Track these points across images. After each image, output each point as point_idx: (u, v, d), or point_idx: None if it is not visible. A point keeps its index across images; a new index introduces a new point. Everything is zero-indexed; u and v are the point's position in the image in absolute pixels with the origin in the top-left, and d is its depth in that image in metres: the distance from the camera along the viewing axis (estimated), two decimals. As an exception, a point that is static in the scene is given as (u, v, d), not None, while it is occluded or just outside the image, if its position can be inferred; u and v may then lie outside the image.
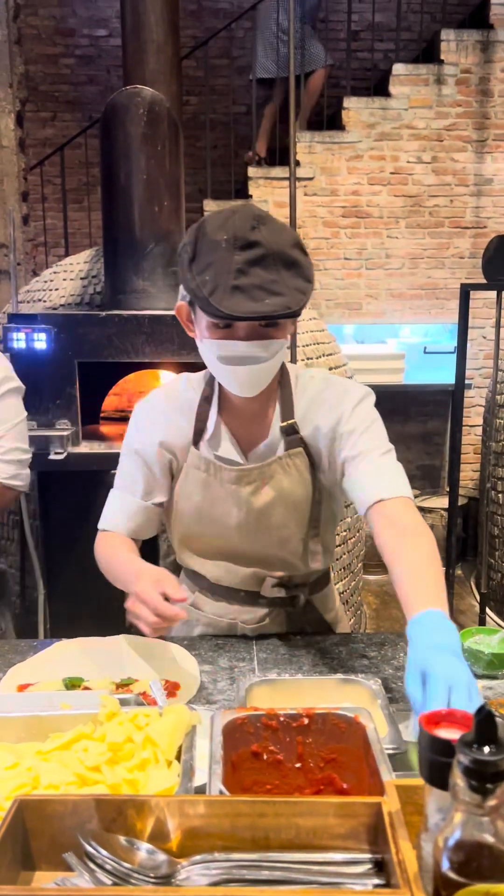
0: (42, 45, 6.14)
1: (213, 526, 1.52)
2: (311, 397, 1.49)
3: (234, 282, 1.26)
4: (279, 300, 1.27)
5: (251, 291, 1.26)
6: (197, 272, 1.30)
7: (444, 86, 5.19)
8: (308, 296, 1.32)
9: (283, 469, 1.47)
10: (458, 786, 0.62)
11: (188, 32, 5.80)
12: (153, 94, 2.95)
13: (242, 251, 1.27)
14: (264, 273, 1.27)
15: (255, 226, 1.29)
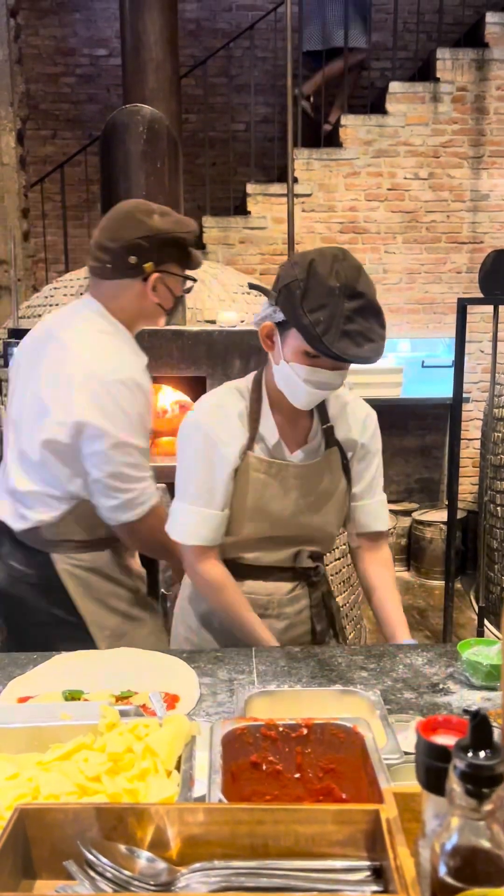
0: (43, 65, 6.21)
1: (265, 520, 1.68)
2: (341, 405, 1.76)
3: (345, 327, 1.49)
4: (374, 346, 1.51)
5: (356, 337, 1.49)
6: (308, 310, 1.49)
7: (441, 103, 5.24)
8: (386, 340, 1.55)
9: (328, 465, 1.72)
10: (455, 791, 0.63)
11: (187, 51, 5.87)
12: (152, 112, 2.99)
13: (351, 300, 1.49)
14: (364, 322, 1.51)
15: (359, 277, 1.51)
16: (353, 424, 1.75)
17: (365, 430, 1.77)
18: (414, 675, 1.50)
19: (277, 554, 1.72)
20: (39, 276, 5.89)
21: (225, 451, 1.65)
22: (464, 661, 1.46)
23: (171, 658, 1.56)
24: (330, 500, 1.72)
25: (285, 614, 1.75)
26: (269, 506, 1.67)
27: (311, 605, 1.77)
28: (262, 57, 6.01)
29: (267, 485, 1.66)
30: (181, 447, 1.70)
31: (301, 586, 1.76)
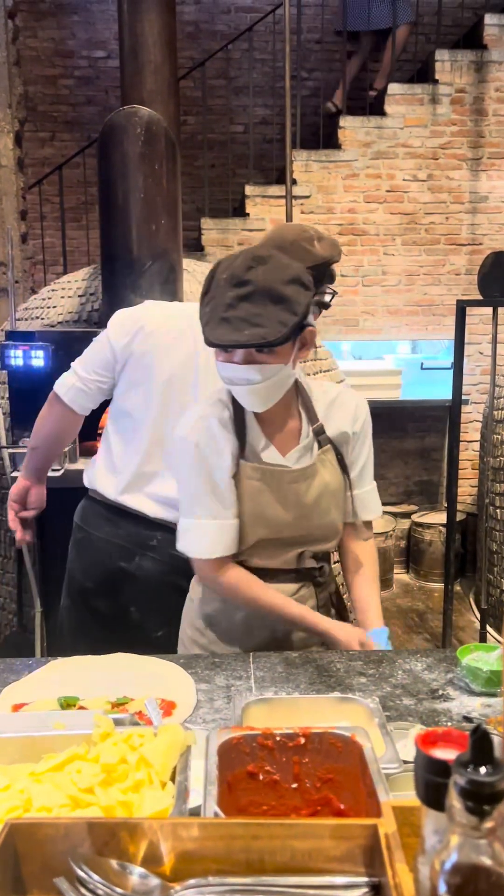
0: (41, 67, 6.20)
1: (264, 527, 1.66)
2: (329, 402, 1.74)
3: (223, 314, 1.46)
4: (257, 331, 1.45)
5: (235, 323, 1.45)
6: (203, 304, 1.51)
7: (439, 105, 5.24)
8: (291, 327, 1.47)
9: (322, 465, 1.70)
10: (455, 807, 0.61)
11: (186, 53, 5.86)
12: (150, 114, 2.98)
13: (235, 288, 1.46)
14: (251, 307, 1.45)
15: (253, 266, 1.47)
16: (343, 417, 1.73)
17: (356, 420, 1.75)
18: (413, 681, 1.48)
19: (279, 557, 1.70)
20: (37, 278, 5.87)
21: (218, 460, 1.63)
22: (463, 667, 1.45)
23: (168, 664, 1.54)
24: (329, 499, 1.71)
25: None
26: (267, 512, 1.66)
27: (318, 606, 1.76)
28: (261, 59, 6.00)
29: (262, 491, 1.65)
30: (176, 466, 1.71)
31: (306, 587, 1.74)
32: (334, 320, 5.37)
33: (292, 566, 1.72)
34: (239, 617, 1.72)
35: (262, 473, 1.64)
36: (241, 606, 1.70)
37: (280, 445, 1.67)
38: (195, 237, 5.36)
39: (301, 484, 1.67)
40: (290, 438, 1.69)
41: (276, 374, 1.53)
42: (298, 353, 1.57)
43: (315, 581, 1.75)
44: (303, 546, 1.71)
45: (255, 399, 1.57)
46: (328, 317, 5.38)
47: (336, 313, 5.37)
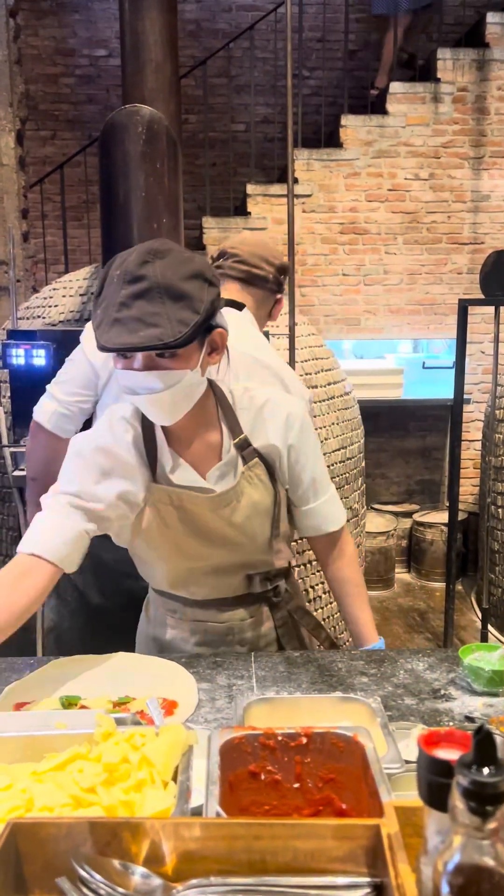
0: (42, 65, 6.20)
1: (193, 552, 1.54)
2: (258, 409, 1.54)
3: (116, 314, 1.29)
4: (153, 332, 1.28)
5: (129, 324, 1.28)
6: (97, 305, 1.35)
7: (441, 104, 5.23)
8: (192, 326, 1.30)
9: (249, 482, 1.52)
10: (458, 808, 0.61)
11: (187, 52, 5.86)
12: (152, 113, 2.97)
13: (129, 285, 1.30)
14: (147, 305, 1.29)
15: (149, 260, 1.31)
16: (272, 429, 1.53)
17: (289, 430, 1.54)
18: (415, 681, 1.48)
19: (225, 586, 1.60)
20: (39, 277, 5.88)
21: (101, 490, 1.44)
22: (465, 667, 1.45)
23: (169, 663, 1.54)
24: (260, 519, 1.55)
25: (247, 639, 1.65)
26: (195, 537, 1.52)
27: (276, 626, 1.67)
28: (262, 57, 6.00)
29: (181, 519, 1.50)
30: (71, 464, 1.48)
31: (260, 609, 1.65)
32: (336, 319, 5.37)
33: (243, 591, 1.60)
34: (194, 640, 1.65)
35: (179, 498, 1.48)
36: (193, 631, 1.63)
37: (198, 464, 1.50)
38: (196, 236, 5.36)
39: (225, 509, 1.50)
40: (210, 455, 1.51)
41: (180, 382, 1.35)
42: (208, 358, 1.41)
43: (270, 602, 1.65)
44: (245, 570, 1.59)
45: (158, 410, 1.39)
46: (330, 315, 5.38)
47: (337, 312, 5.37)
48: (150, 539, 1.54)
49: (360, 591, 1.70)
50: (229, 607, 1.63)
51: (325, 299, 5.35)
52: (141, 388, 1.35)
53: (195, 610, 1.64)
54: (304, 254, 5.27)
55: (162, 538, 1.53)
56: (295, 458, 1.57)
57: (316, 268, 5.32)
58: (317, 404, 3.48)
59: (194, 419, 1.46)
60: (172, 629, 1.66)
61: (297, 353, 3.20)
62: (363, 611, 1.68)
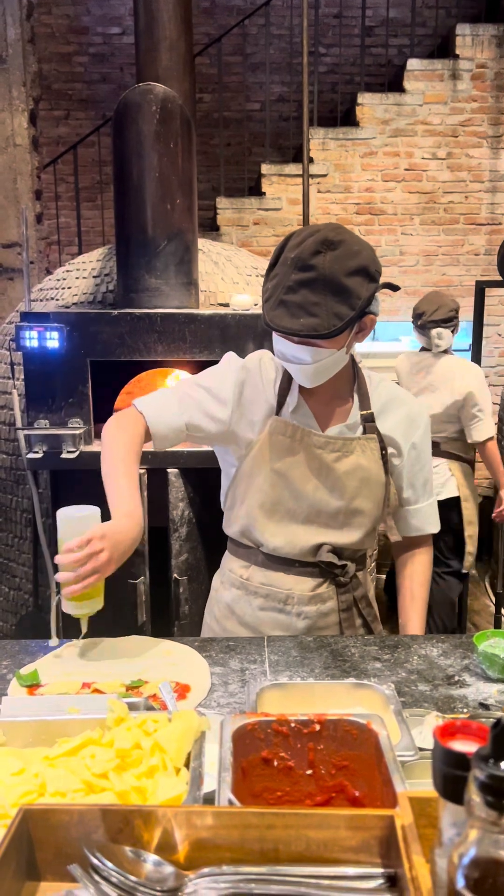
0: (56, 44, 6.15)
1: (288, 489, 1.63)
2: (389, 398, 1.70)
3: (283, 297, 1.45)
4: (312, 321, 1.43)
5: (292, 309, 1.44)
6: (268, 279, 1.50)
7: (460, 81, 5.14)
8: (346, 321, 1.45)
9: (362, 448, 1.65)
10: (474, 801, 0.60)
11: (201, 30, 5.78)
12: (166, 92, 2.94)
13: (299, 272, 1.44)
14: (311, 295, 1.43)
15: (321, 251, 1.44)
16: (400, 422, 1.69)
17: (415, 430, 1.71)
18: (429, 667, 1.47)
19: (298, 540, 1.64)
20: (52, 259, 5.86)
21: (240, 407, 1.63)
22: (480, 654, 1.44)
23: (183, 647, 1.54)
24: (361, 484, 1.64)
25: (306, 613, 1.66)
26: (292, 472, 1.62)
27: (339, 609, 1.68)
28: (278, 34, 5.92)
29: (291, 450, 1.62)
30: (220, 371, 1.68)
31: (327, 585, 1.67)
32: (351, 301, 5.32)
33: (311, 558, 1.65)
34: (256, 604, 1.69)
35: (293, 430, 1.61)
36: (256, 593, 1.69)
37: (322, 420, 1.65)
38: (210, 217, 5.32)
39: (331, 454, 1.62)
40: (336, 416, 1.66)
41: (328, 358, 1.52)
42: (354, 338, 1.56)
43: (337, 581, 1.67)
44: (322, 533, 1.64)
45: (303, 377, 1.57)
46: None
47: (352, 294, 5.32)
48: (259, 465, 1.63)
49: (424, 591, 1.82)
50: (295, 572, 1.66)
51: (340, 281, 5.30)
52: (293, 357, 1.53)
53: (263, 569, 1.68)
54: (319, 235, 5.22)
55: (270, 465, 1.62)
56: (416, 457, 1.71)
57: (331, 249, 5.26)
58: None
59: (331, 384, 1.61)
60: (237, 589, 1.71)
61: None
62: (420, 610, 1.80)
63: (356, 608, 1.71)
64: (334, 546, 1.66)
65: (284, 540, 1.65)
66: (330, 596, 1.68)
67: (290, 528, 1.65)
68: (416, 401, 1.76)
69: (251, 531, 1.67)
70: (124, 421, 1.61)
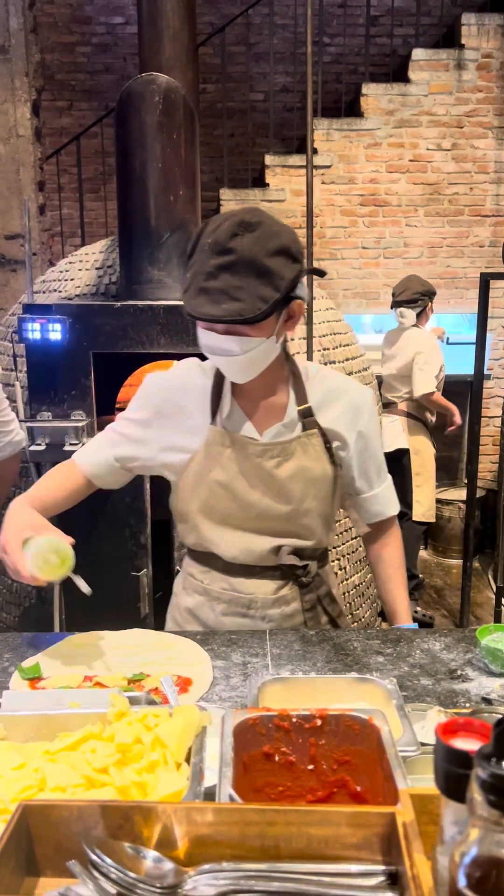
0: (58, 34, 6.11)
1: (234, 501, 1.58)
2: (328, 390, 1.62)
3: (203, 284, 1.39)
4: (235, 306, 1.37)
5: (214, 295, 1.38)
6: (187, 268, 1.44)
7: (465, 71, 5.10)
8: (271, 304, 1.38)
9: (303, 448, 1.58)
10: (476, 800, 0.59)
11: (205, 19, 5.75)
12: (169, 82, 2.92)
13: (217, 256, 1.38)
14: (232, 279, 1.37)
15: (238, 233, 1.38)
16: (343, 413, 1.62)
17: (360, 418, 1.63)
18: (431, 661, 1.47)
19: (255, 548, 1.60)
20: (55, 250, 5.84)
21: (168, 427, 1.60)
22: (482, 648, 1.43)
23: (184, 640, 1.54)
24: (307, 485, 1.58)
25: (270, 616, 1.63)
26: (235, 483, 1.57)
27: (303, 609, 1.66)
28: (282, 24, 5.88)
29: (232, 459, 1.56)
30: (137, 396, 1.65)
31: (290, 587, 1.64)
32: (355, 293, 5.30)
33: (272, 562, 1.61)
34: (219, 609, 1.65)
35: (231, 440, 1.56)
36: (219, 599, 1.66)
37: (258, 422, 1.58)
38: (214, 208, 5.30)
39: (270, 461, 1.56)
40: (272, 415, 1.59)
41: (257, 347, 1.45)
42: (283, 326, 1.49)
43: (299, 582, 1.64)
44: (278, 538, 1.60)
45: (234, 370, 1.50)
46: (349, 289, 5.31)
47: (357, 286, 5.30)
48: (201, 478, 1.59)
49: (402, 573, 1.78)
50: (256, 577, 1.62)
51: (345, 272, 5.28)
52: (220, 349, 1.46)
53: (223, 575, 1.64)
54: (323, 226, 5.20)
55: (211, 477, 1.58)
56: (364, 446, 1.65)
57: (335, 240, 5.24)
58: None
59: (264, 380, 1.54)
60: (199, 595, 1.68)
61: (314, 327, 3.16)
62: (402, 591, 1.76)
63: (320, 606, 1.69)
64: (293, 547, 1.62)
65: (240, 549, 1.61)
66: (294, 597, 1.65)
67: (243, 537, 1.61)
68: (359, 387, 1.68)
69: (205, 544, 1.64)
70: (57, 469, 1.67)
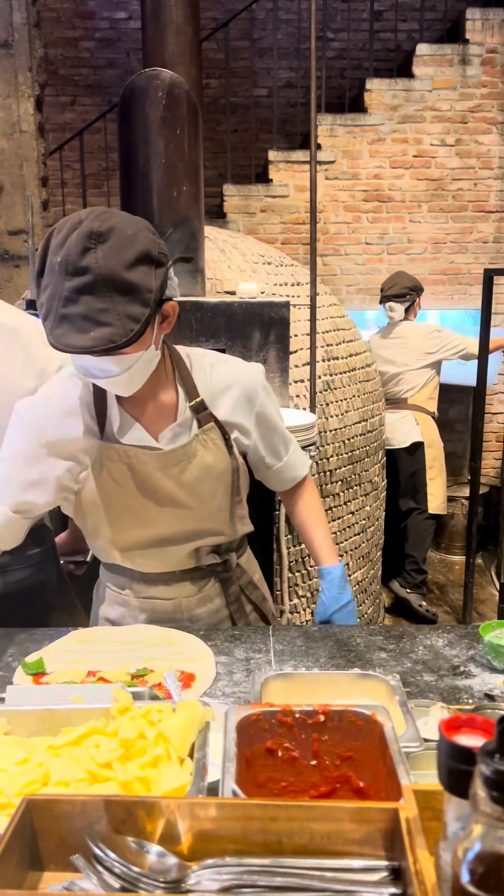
0: (62, 28, 6.10)
1: (143, 514, 1.51)
2: (218, 381, 1.53)
3: (62, 310, 1.24)
4: (105, 332, 1.23)
5: (77, 322, 1.23)
6: (40, 290, 1.29)
7: (469, 66, 5.09)
8: (143, 322, 1.26)
9: (202, 445, 1.51)
10: (479, 796, 0.59)
11: (208, 14, 5.74)
12: (172, 77, 2.91)
13: (72, 277, 1.23)
14: (93, 301, 1.23)
15: (90, 247, 1.23)
16: (238, 403, 1.53)
17: (255, 401, 1.54)
18: (434, 658, 1.47)
19: (172, 557, 1.56)
20: (59, 246, 5.83)
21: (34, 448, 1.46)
22: (485, 644, 1.43)
23: (188, 636, 1.54)
24: (213, 482, 1.52)
25: (197, 616, 1.61)
26: (141, 497, 1.49)
27: (228, 603, 1.63)
28: (286, 19, 5.86)
29: (133, 474, 1.47)
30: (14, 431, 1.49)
31: (211, 585, 1.62)
32: (358, 289, 5.29)
33: (191, 565, 1.57)
34: (142, 618, 1.62)
35: (127, 455, 1.46)
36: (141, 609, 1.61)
37: (151, 425, 1.49)
38: (217, 204, 5.29)
39: (172, 468, 1.48)
40: (164, 416, 1.49)
41: (138, 362, 1.34)
42: (160, 330, 1.39)
43: (220, 577, 1.61)
44: (193, 541, 1.56)
45: (117, 388, 1.39)
46: (352, 285, 5.30)
47: (360, 282, 5.29)
48: (100, 500, 1.50)
49: (319, 516, 1.71)
50: (176, 582, 1.59)
51: (348, 269, 5.27)
52: (97, 372, 1.34)
53: (142, 585, 1.61)
54: (327, 222, 5.19)
55: (111, 498, 1.49)
56: (265, 424, 1.59)
57: (338, 236, 5.23)
58: (337, 376, 3.45)
59: (149, 383, 1.43)
60: (121, 607, 1.63)
61: (318, 323, 3.16)
62: (320, 531, 1.70)
63: (244, 596, 1.67)
64: (211, 547, 1.59)
65: (156, 562, 1.57)
66: (216, 594, 1.63)
67: (156, 551, 1.55)
68: (246, 368, 1.58)
69: (118, 562, 1.58)
70: None
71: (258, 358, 2.70)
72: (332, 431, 3.33)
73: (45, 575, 1.84)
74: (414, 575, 4.31)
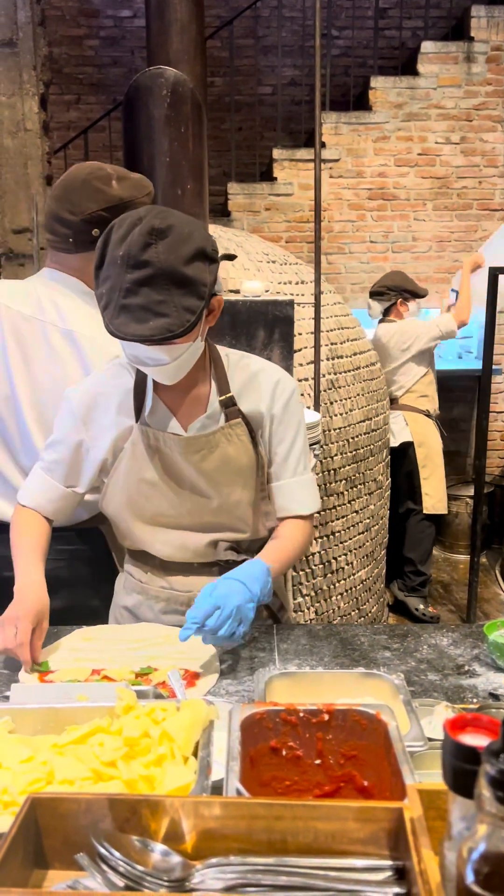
0: (66, 27, 6.10)
1: (163, 498, 1.57)
2: (249, 376, 1.59)
3: (123, 301, 1.33)
4: (162, 322, 1.32)
5: (136, 312, 1.32)
6: (100, 281, 1.38)
7: (474, 64, 5.07)
8: (198, 314, 1.35)
9: (227, 438, 1.56)
10: (484, 796, 0.59)
11: (213, 12, 5.73)
12: (176, 75, 2.91)
13: (133, 270, 1.32)
14: (153, 293, 1.32)
15: (151, 242, 1.32)
16: (261, 395, 1.58)
17: (275, 400, 1.58)
18: (438, 657, 1.47)
19: (190, 546, 1.60)
20: (63, 245, 5.83)
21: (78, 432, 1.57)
22: (490, 644, 1.43)
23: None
24: (232, 475, 1.56)
25: None
26: (162, 482, 1.55)
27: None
28: (290, 17, 5.86)
29: (158, 456, 1.55)
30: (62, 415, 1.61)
31: None
32: (363, 287, 5.29)
33: (210, 558, 1.60)
34: (158, 608, 1.64)
35: (155, 437, 1.54)
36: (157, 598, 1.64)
37: (183, 416, 1.56)
38: (221, 202, 5.29)
39: (195, 455, 1.54)
40: (195, 407, 1.56)
41: (186, 352, 1.43)
42: (205, 323, 1.47)
43: None
44: (211, 533, 1.59)
45: (164, 376, 1.46)
46: (357, 284, 5.30)
47: (365, 280, 5.29)
48: (129, 478, 1.58)
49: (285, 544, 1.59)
50: (194, 574, 1.61)
51: (352, 267, 5.27)
52: (148, 360, 1.42)
53: (161, 573, 1.64)
54: (331, 220, 5.18)
55: (139, 476, 1.56)
56: (275, 429, 1.60)
57: (343, 234, 5.23)
58: (342, 375, 3.44)
59: (187, 374, 1.50)
60: (138, 595, 1.67)
61: (322, 322, 3.16)
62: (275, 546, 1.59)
63: None
64: (230, 542, 1.61)
65: (174, 548, 1.60)
66: None
67: (177, 534, 1.59)
68: (279, 372, 1.62)
69: (140, 544, 1.63)
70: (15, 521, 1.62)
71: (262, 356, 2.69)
72: (336, 430, 3.33)
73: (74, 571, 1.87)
74: (412, 577, 4.28)
